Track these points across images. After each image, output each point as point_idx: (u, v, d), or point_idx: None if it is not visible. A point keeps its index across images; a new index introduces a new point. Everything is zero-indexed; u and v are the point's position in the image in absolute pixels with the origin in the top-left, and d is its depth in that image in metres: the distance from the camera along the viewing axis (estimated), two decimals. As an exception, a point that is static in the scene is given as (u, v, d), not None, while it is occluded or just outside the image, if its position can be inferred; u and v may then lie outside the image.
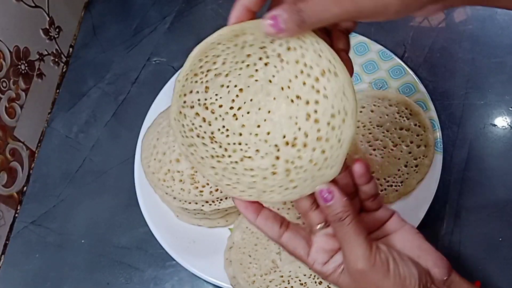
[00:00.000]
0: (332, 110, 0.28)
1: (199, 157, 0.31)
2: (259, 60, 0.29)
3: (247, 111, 0.30)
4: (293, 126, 0.29)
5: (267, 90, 0.30)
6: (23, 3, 0.61)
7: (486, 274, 0.48)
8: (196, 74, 0.30)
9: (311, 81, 0.28)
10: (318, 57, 0.27)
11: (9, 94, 0.59)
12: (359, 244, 0.30)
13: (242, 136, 0.31)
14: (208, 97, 0.31)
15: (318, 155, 0.29)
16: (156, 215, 0.52)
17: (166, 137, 0.51)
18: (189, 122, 0.31)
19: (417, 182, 0.49)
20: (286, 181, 0.30)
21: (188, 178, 0.48)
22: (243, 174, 0.31)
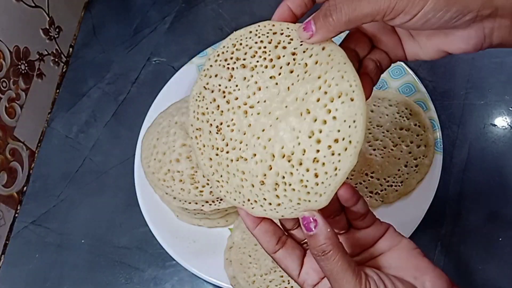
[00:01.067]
0: (337, 134, 0.26)
1: (201, 144, 0.32)
2: (286, 66, 0.29)
3: (257, 111, 0.30)
4: (294, 140, 0.28)
5: (282, 96, 0.29)
6: (23, 3, 0.61)
7: (486, 274, 0.48)
8: (226, 59, 0.31)
9: (325, 99, 0.27)
10: (340, 78, 0.27)
11: (9, 94, 0.59)
12: (347, 281, 0.28)
13: (245, 135, 0.30)
14: (229, 86, 0.31)
15: (310, 177, 0.27)
16: (156, 215, 0.52)
17: (166, 137, 0.51)
18: (204, 105, 0.31)
19: (417, 182, 0.49)
20: (271, 195, 0.29)
21: (188, 178, 0.48)
22: (234, 174, 0.30)
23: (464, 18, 0.26)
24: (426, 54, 0.31)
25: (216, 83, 0.31)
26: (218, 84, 0.31)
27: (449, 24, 0.26)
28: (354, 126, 0.26)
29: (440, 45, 0.29)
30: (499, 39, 0.27)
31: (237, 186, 0.30)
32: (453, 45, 0.29)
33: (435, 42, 0.30)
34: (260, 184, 0.29)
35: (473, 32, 0.27)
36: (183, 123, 0.51)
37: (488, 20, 0.27)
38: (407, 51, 0.32)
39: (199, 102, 0.32)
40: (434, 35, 0.29)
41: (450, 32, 0.28)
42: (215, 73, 0.31)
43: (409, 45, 0.31)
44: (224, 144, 0.31)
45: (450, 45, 0.29)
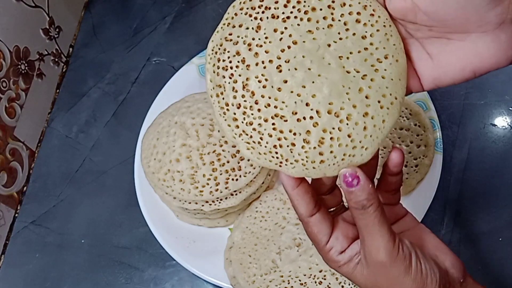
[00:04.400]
0: (386, 90, 0.28)
1: (223, 103, 0.28)
2: (323, 20, 0.27)
3: (294, 66, 0.27)
4: (342, 96, 0.27)
5: (323, 53, 0.28)
6: (23, 3, 0.61)
7: (486, 274, 0.48)
8: (254, 7, 0.28)
9: (373, 60, 0.28)
10: (386, 41, 0.28)
11: (9, 94, 0.59)
12: (381, 235, 0.28)
13: (281, 91, 0.28)
14: (256, 37, 0.28)
15: (360, 130, 0.27)
16: (156, 215, 0.52)
17: (166, 137, 0.51)
18: (226, 58, 0.28)
19: (417, 182, 0.49)
20: (315, 152, 0.28)
21: (188, 178, 0.48)
22: (269, 134, 0.28)
23: (496, 9, 0.24)
24: (449, 75, 0.27)
25: (242, 34, 0.28)
26: (244, 35, 0.28)
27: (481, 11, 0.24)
28: (400, 84, 0.28)
29: (467, 60, 0.26)
30: None
31: (273, 146, 0.28)
32: (483, 56, 0.26)
33: (460, 58, 0.27)
34: (303, 142, 0.28)
35: (504, 36, 0.25)
36: (183, 123, 0.51)
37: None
38: (424, 76, 0.28)
39: (220, 55, 0.28)
40: (459, 49, 0.27)
41: (478, 39, 0.26)
42: (239, 22, 0.28)
43: (427, 68, 0.28)
44: (253, 101, 0.28)
45: (479, 57, 0.26)
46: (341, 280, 0.43)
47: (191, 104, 0.53)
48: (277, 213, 0.48)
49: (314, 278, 0.44)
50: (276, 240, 0.47)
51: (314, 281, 0.44)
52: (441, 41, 0.27)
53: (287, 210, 0.48)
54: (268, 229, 0.48)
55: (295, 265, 0.45)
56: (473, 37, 0.26)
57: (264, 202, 0.50)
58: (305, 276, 0.44)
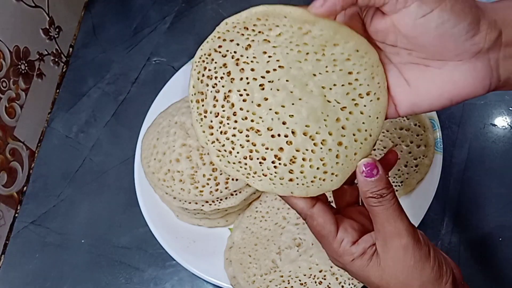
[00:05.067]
0: (362, 125, 0.29)
1: (202, 109, 0.29)
2: (313, 54, 0.28)
3: (277, 87, 0.28)
4: (321, 122, 0.28)
5: (307, 80, 0.28)
6: (23, 3, 0.61)
7: (486, 274, 0.48)
8: (247, 28, 0.28)
9: (355, 94, 0.29)
10: (371, 79, 0.28)
11: (9, 94, 0.59)
12: (401, 219, 0.28)
13: (260, 107, 0.28)
14: (245, 55, 0.28)
15: (332, 157, 0.28)
16: (156, 215, 0.52)
17: (166, 137, 0.51)
18: (212, 68, 0.29)
19: (417, 182, 0.49)
20: (284, 170, 0.28)
21: (188, 178, 0.48)
22: (241, 145, 0.29)
23: (473, 38, 0.25)
24: (426, 102, 0.28)
25: (231, 48, 0.29)
26: (233, 51, 0.28)
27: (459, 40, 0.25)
28: (376, 122, 0.29)
29: (444, 88, 0.27)
30: (507, 72, 0.27)
31: (243, 157, 0.29)
32: (460, 84, 0.27)
33: (438, 85, 0.27)
34: (274, 157, 0.28)
35: (480, 65, 0.26)
36: (183, 123, 0.51)
37: (493, 51, 0.26)
38: (401, 102, 0.29)
39: (207, 63, 0.29)
40: (437, 77, 0.27)
41: (455, 67, 0.26)
42: (230, 38, 0.28)
43: (404, 94, 0.29)
44: (232, 113, 0.29)
45: (456, 85, 0.27)
46: (341, 280, 0.43)
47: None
48: (277, 213, 0.48)
49: (314, 278, 0.44)
50: (276, 240, 0.47)
51: (314, 281, 0.44)
52: (419, 67, 0.28)
53: (287, 210, 0.48)
54: (268, 229, 0.48)
55: (295, 265, 0.45)
56: (450, 65, 0.27)
57: (264, 202, 0.50)
58: (305, 276, 0.44)
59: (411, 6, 0.25)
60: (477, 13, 0.25)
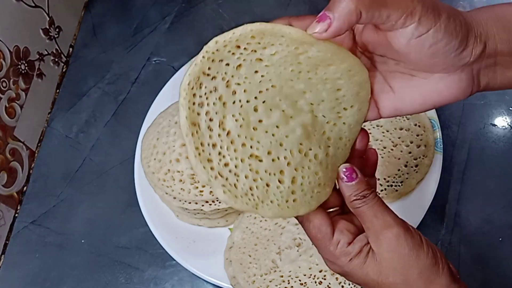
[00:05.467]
0: (343, 134, 0.30)
1: (198, 142, 0.27)
2: (306, 73, 0.28)
3: (270, 107, 0.28)
4: (312, 137, 0.29)
5: (297, 98, 0.29)
6: (23, 3, 0.61)
7: (486, 274, 0.48)
8: (239, 46, 0.27)
9: (339, 108, 0.30)
10: (356, 94, 0.30)
11: (9, 94, 0.59)
12: (388, 212, 0.29)
13: (256, 131, 0.28)
14: (236, 75, 0.27)
15: (323, 169, 0.30)
16: (156, 215, 0.52)
17: (166, 137, 0.51)
18: (203, 94, 0.27)
19: (417, 182, 0.49)
20: (288, 192, 0.29)
21: (188, 178, 0.48)
22: (245, 176, 0.28)
23: (461, 54, 0.26)
24: (409, 108, 0.29)
25: (221, 70, 0.27)
26: (224, 72, 0.27)
27: (448, 57, 0.26)
28: (356, 129, 0.31)
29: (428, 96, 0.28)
30: (486, 78, 0.28)
31: (249, 188, 0.28)
32: (444, 93, 0.28)
33: (422, 94, 0.29)
34: (278, 182, 0.28)
35: (464, 76, 0.27)
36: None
37: (477, 63, 0.27)
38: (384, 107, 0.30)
39: (196, 90, 0.27)
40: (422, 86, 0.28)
41: (441, 78, 0.28)
42: (220, 58, 0.27)
43: (388, 100, 0.30)
44: (229, 141, 0.27)
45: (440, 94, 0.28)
46: (341, 280, 0.43)
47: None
48: (277, 213, 0.48)
49: (314, 278, 0.44)
50: (276, 240, 0.47)
51: (314, 281, 0.44)
52: (405, 76, 0.29)
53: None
54: (268, 229, 0.48)
55: (295, 265, 0.45)
56: (436, 77, 0.28)
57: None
58: (305, 276, 0.44)
59: (409, 27, 0.25)
60: (466, 29, 0.26)
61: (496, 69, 0.28)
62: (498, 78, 0.28)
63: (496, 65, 0.28)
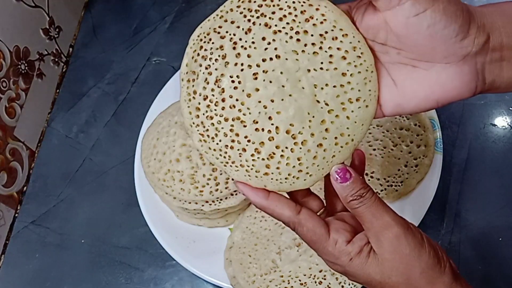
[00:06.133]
0: (345, 130, 0.29)
1: (192, 90, 0.29)
2: (311, 46, 0.28)
3: (270, 79, 0.28)
4: (305, 122, 0.28)
5: (300, 76, 0.28)
6: (23, 3, 0.61)
7: (486, 274, 0.48)
8: (251, 9, 0.28)
9: (344, 98, 0.28)
10: (363, 84, 0.28)
11: (9, 94, 0.59)
12: (387, 211, 0.29)
13: (249, 98, 0.28)
14: (244, 39, 0.28)
15: (309, 157, 0.29)
16: (156, 215, 0.52)
17: (166, 137, 0.51)
18: (209, 48, 0.28)
19: (417, 182, 0.49)
20: (262, 164, 0.28)
21: (188, 178, 0.48)
22: (225, 134, 0.28)
23: (462, 41, 0.26)
24: (412, 103, 0.28)
25: (231, 30, 0.28)
26: (233, 33, 0.28)
27: (448, 42, 0.26)
28: (361, 129, 0.29)
29: (431, 89, 0.28)
30: (492, 76, 0.27)
31: (224, 146, 0.28)
32: (446, 87, 0.27)
33: (425, 87, 0.28)
34: (253, 150, 0.28)
35: (467, 68, 0.26)
36: (183, 123, 0.51)
37: (480, 55, 0.26)
38: (387, 103, 0.29)
39: (204, 43, 0.28)
40: (424, 78, 0.28)
41: (443, 70, 0.27)
42: (232, 19, 0.28)
43: (390, 94, 0.29)
44: (221, 98, 0.28)
45: (442, 87, 0.27)
46: (341, 280, 0.43)
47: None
48: (277, 213, 0.48)
49: (314, 278, 0.44)
50: (276, 240, 0.47)
51: (314, 281, 0.44)
52: (407, 68, 0.28)
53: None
54: (268, 229, 0.48)
55: (295, 265, 0.45)
56: (438, 67, 0.27)
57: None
58: (305, 276, 0.44)
59: (405, 4, 0.25)
60: (468, 16, 0.26)
61: (502, 66, 0.27)
62: (505, 75, 0.27)
63: (503, 61, 0.27)
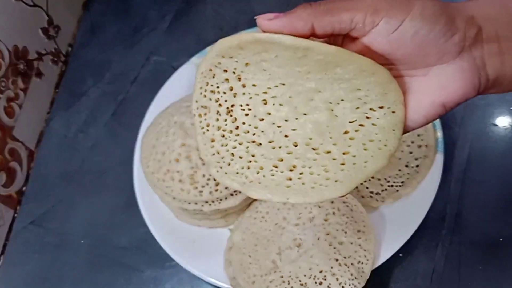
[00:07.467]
0: (374, 136, 0.27)
1: (205, 123, 0.29)
2: (315, 73, 0.27)
3: (280, 103, 0.28)
4: (325, 135, 0.27)
5: (312, 96, 0.27)
6: (22, 2, 0.61)
7: (486, 274, 0.48)
8: (242, 48, 0.27)
9: (365, 108, 0.27)
10: (383, 95, 0.27)
11: (7, 94, 0.58)
12: None
13: (262, 122, 0.28)
14: (245, 71, 0.28)
15: (336, 164, 0.27)
16: (155, 216, 0.52)
17: (166, 137, 0.51)
18: (214, 83, 0.28)
19: (418, 182, 0.49)
20: (282, 177, 0.28)
21: (188, 178, 0.48)
22: (240, 157, 0.28)
23: (453, 38, 0.25)
24: (420, 113, 0.27)
25: (231, 65, 0.28)
26: (234, 67, 0.28)
27: (438, 44, 0.24)
28: (393, 133, 0.27)
29: (434, 94, 0.26)
30: (494, 71, 0.26)
31: (241, 168, 0.28)
32: (449, 88, 0.26)
33: (427, 93, 0.26)
34: (272, 167, 0.28)
35: (466, 64, 0.25)
36: (183, 123, 0.51)
37: (475, 48, 0.25)
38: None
39: (208, 79, 0.28)
40: (424, 85, 0.26)
41: (441, 71, 0.26)
42: (229, 55, 0.28)
43: None
44: (234, 126, 0.28)
45: (446, 89, 0.26)
46: (342, 281, 0.43)
47: (191, 104, 0.53)
48: (277, 214, 0.48)
49: (315, 278, 0.44)
50: (276, 240, 0.47)
51: (314, 282, 0.44)
52: (404, 80, 0.27)
53: (287, 211, 0.48)
54: (268, 229, 0.48)
55: (295, 266, 0.45)
56: (435, 69, 0.26)
57: (264, 202, 0.50)
58: (305, 277, 0.44)
59: (380, 24, 0.24)
60: (451, 12, 0.25)
61: (504, 60, 0.26)
62: (507, 70, 0.26)
63: (503, 55, 0.26)
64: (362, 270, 0.44)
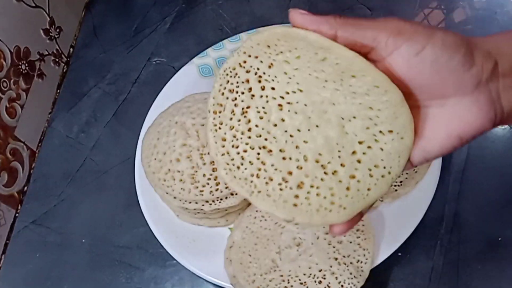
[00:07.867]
0: (380, 162, 0.28)
1: (218, 120, 0.29)
2: (332, 82, 0.27)
3: (295, 110, 0.28)
4: (335, 152, 0.28)
5: (326, 108, 0.28)
6: (23, 3, 0.61)
7: (486, 274, 0.48)
8: (269, 46, 0.28)
9: (375, 130, 0.28)
10: (394, 118, 0.27)
11: (9, 94, 0.59)
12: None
13: (275, 127, 0.28)
14: (267, 73, 0.28)
15: (341, 188, 0.27)
16: (156, 215, 0.52)
17: (167, 137, 0.51)
18: (234, 82, 0.29)
19: (416, 182, 0.49)
20: (290, 194, 0.28)
21: (188, 177, 0.48)
22: (250, 162, 0.28)
23: (471, 70, 0.25)
24: (436, 145, 0.27)
25: (255, 65, 0.29)
26: (257, 68, 0.28)
27: (456, 73, 0.25)
28: (398, 161, 0.27)
29: (450, 126, 0.26)
30: (509, 104, 0.26)
31: (250, 175, 0.28)
32: (465, 119, 0.26)
33: (443, 124, 0.27)
34: (281, 179, 0.28)
35: (482, 97, 0.26)
36: (184, 123, 0.51)
37: (492, 81, 0.26)
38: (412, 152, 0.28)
39: (230, 77, 0.29)
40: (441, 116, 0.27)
41: (458, 102, 0.26)
42: (255, 54, 0.28)
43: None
44: (247, 128, 0.28)
45: (462, 121, 0.26)
46: (341, 280, 0.43)
47: (191, 104, 0.53)
48: (277, 213, 0.48)
49: (314, 277, 0.44)
50: (276, 239, 0.47)
51: (314, 281, 0.44)
52: (420, 111, 0.27)
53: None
54: (268, 228, 0.48)
55: (295, 265, 0.45)
56: (452, 101, 0.26)
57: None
58: (305, 276, 0.44)
59: (402, 46, 0.25)
60: (469, 44, 0.25)
61: None
62: None
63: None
64: (361, 269, 0.44)
